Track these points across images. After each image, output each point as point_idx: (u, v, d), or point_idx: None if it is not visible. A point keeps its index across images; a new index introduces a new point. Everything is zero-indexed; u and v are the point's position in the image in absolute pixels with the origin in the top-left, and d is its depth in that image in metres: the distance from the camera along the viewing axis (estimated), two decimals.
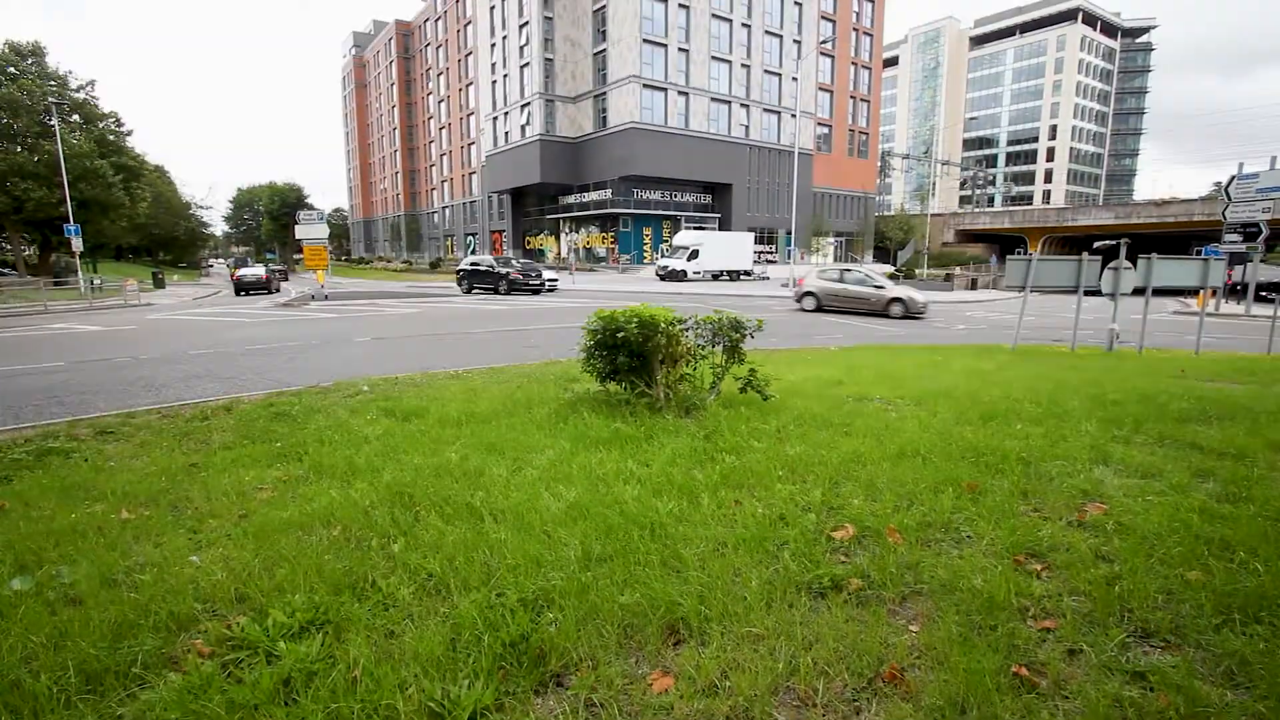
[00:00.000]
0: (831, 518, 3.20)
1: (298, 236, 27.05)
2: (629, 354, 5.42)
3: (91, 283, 28.55)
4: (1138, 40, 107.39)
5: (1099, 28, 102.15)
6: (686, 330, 5.76)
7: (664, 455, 4.16)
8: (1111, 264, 11.50)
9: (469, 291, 27.92)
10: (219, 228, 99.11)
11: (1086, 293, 11.90)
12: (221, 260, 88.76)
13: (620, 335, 5.29)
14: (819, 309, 21.22)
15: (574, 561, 2.70)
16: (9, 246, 43.07)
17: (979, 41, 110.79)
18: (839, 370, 8.04)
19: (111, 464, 4.31)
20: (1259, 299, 25.01)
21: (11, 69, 36.99)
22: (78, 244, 30.57)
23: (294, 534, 3.05)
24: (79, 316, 19.55)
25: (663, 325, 5.31)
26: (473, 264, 29.07)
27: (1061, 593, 2.49)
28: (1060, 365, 9.40)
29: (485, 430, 4.92)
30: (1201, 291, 15.74)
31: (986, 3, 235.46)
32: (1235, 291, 29.59)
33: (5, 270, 39.93)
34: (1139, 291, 11.79)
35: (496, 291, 26.89)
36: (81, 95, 39.79)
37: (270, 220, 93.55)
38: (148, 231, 60.77)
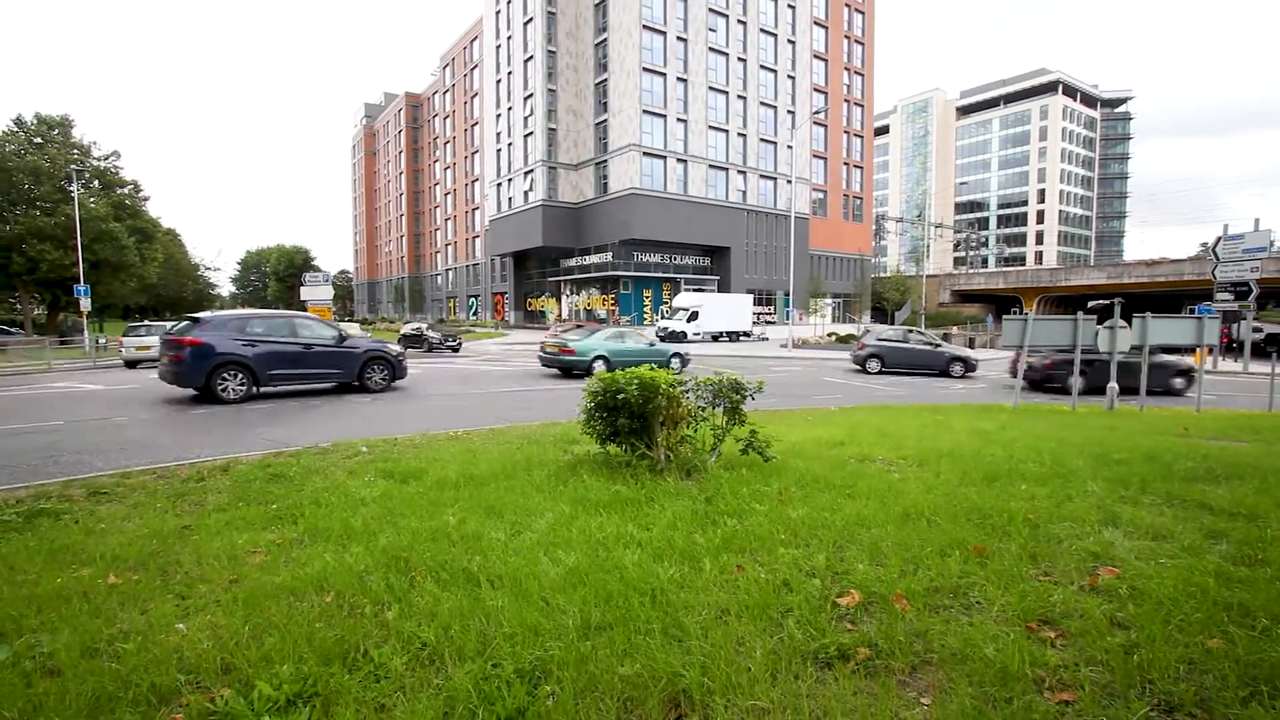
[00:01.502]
0: (836, 583, 3.12)
1: (303, 298, 27.45)
2: (630, 416, 5.40)
3: (96, 342, 28.73)
4: (1116, 110, 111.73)
5: (1079, 99, 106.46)
6: (687, 392, 5.76)
7: (665, 519, 4.09)
8: (1106, 323, 11.62)
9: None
10: (226, 289, 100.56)
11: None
12: None
13: (621, 397, 5.30)
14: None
15: (573, 630, 2.61)
16: (19, 306, 43.59)
17: (965, 111, 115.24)
18: (840, 431, 8.00)
19: (103, 526, 4.24)
20: (1265, 353, 25.17)
21: (39, 139, 38.51)
22: (86, 304, 30.97)
23: (285, 600, 2.97)
24: (82, 375, 19.58)
25: (663, 387, 5.32)
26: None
27: (1078, 662, 2.40)
28: (1062, 424, 9.35)
29: (484, 492, 4.86)
30: (1198, 349, 15.83)
31: (971, 75, 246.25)
32: (1232, 349, 29.77)
33: (13, 330, 40.26)
34: (1137, 350, 11.87)
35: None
36: (104, 164, 41.28)
37: (277, 282, 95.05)
38: (156, 292, 61.63)
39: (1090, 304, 14.17)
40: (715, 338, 42.19)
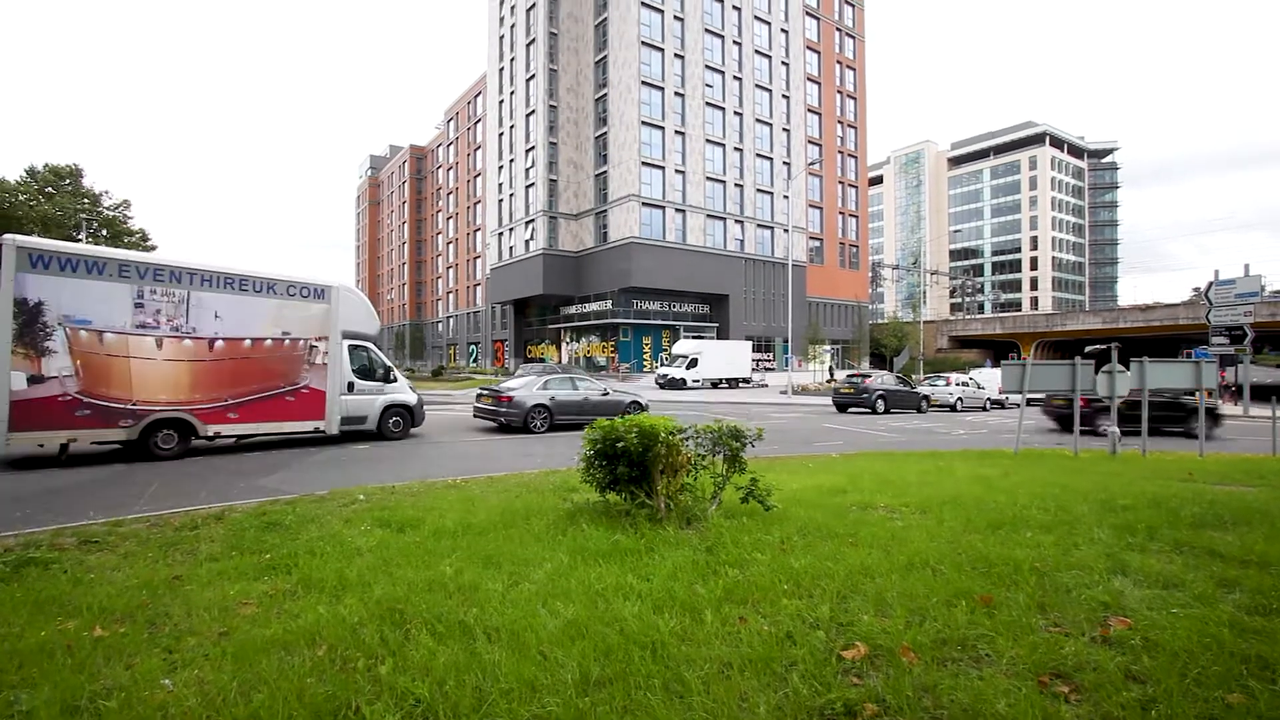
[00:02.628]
0: (841, 635, 3.04)
1: None
2: (629, 464, 5.37)
3: None
4: (1103, 161, 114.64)
5: (1066, 150, 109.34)
6: (687, 439, 5.73)
7: (665, 569, 4.02)
8: (1105, 368, 11.64)
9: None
10: None
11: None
12: None
13: (620, 445, 5.28)
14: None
15: (571, 685, 2.54)
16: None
17: (956, 162, 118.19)
18: (841, 478, 7.93)
19: (91, 576, 4.15)
20: (1265, 396, 25.22)
21: (50, 188, 39.36)
22: None
23: (276, 654, 2.89)
24: None
25: (663, 435, 5.30)
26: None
27: (1094, 718, 2.33)
28: (1065, 469, 9.27)
29: (482, 542, 4.78)
30: (1197, 393, 15.84)
31: (961, 126, 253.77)
32: (1230, 392, 29.80)
33: None
34: (1136, 394, 11.86)
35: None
36: (113, 213, 42.12)
37: None
38: None
39: (1087, 349, 14.25)
40: (715, 384, 42.21)
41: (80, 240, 34.59)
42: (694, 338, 49.84)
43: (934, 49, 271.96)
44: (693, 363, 40.83)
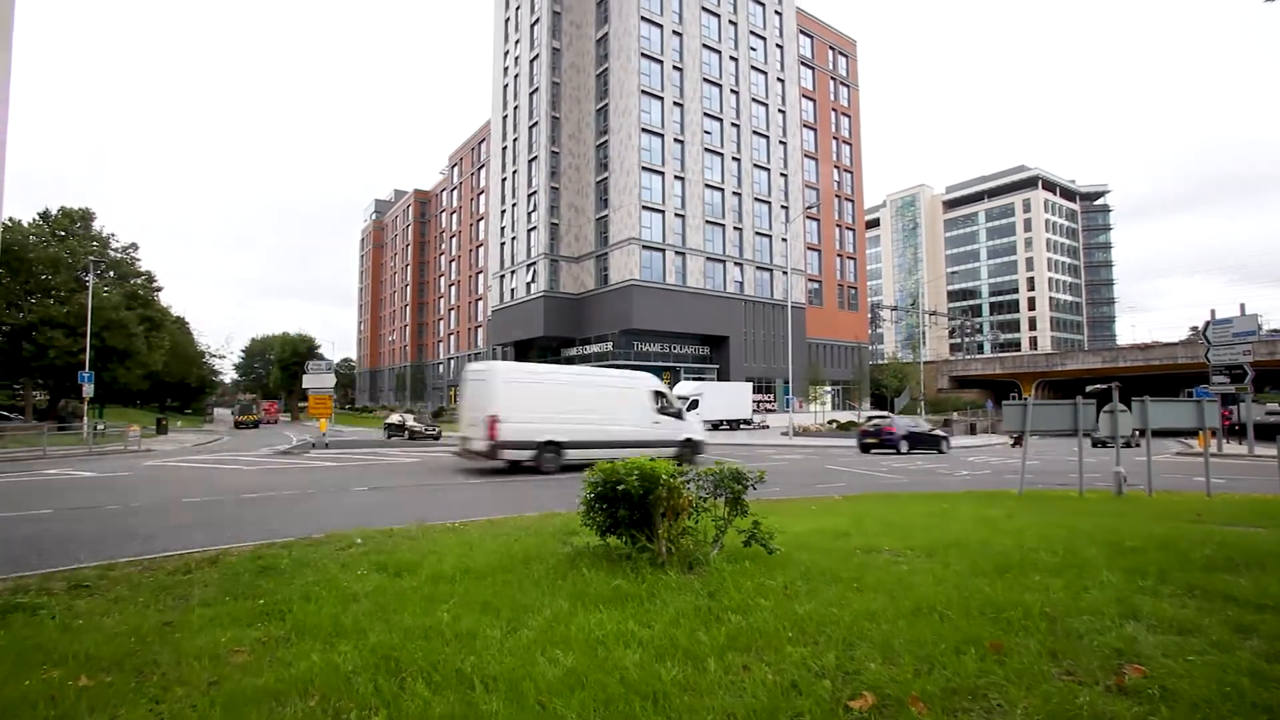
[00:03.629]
0: (848, 684, 2.96)
1: (304, 386, 27.48)
2: (630, 507, 5.31)
3: (95, 428, 28.55)
4: (1095, 203, 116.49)
5: (1058, 192, 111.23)
6: (688, 482, 5.68)
7: (667, 615, 3.93)
8: (1106, 407, 11.60)
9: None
10: (229, 375, 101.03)
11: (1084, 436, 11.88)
12: (225, 408, 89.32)
13: (621, 488, 5.23)
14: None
15: None
16: (21, 391, 43.73)
17: (952, 205, 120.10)
18: (845, 521, 7.82)
19: (80, 622, 4.06)
20: (1270, 435, 25.07)
21: (61, 231, 40.07)
22: (89, 390, 31.03)
23: (266, 705, 2.80)
24: (77, 462, 19.37)
25: (664, 478, 5.25)
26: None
27: None
28: (1071, 510, 9.16)
29: (480, 587, 4.70)
30: (1201, 432, 15.75)
31: (955, 169, 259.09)
32: (1234, 431, 29.63)
33: (11, 415, 40.17)
34: (1139, 433, 11.80)
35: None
36: (121, 255, 42.80)
37: (280, 369, 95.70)
38: (160, 379, 61.94)
39: (1088, 388, 14.22)
40: (716, 426, 42.04)
41: (87, 281, 34.95)
42: (695, 379, 49.86)
43: (926, 94, 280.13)
44: (693, 404, 40.75)
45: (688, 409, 40.23)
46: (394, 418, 35.90)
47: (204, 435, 40.54)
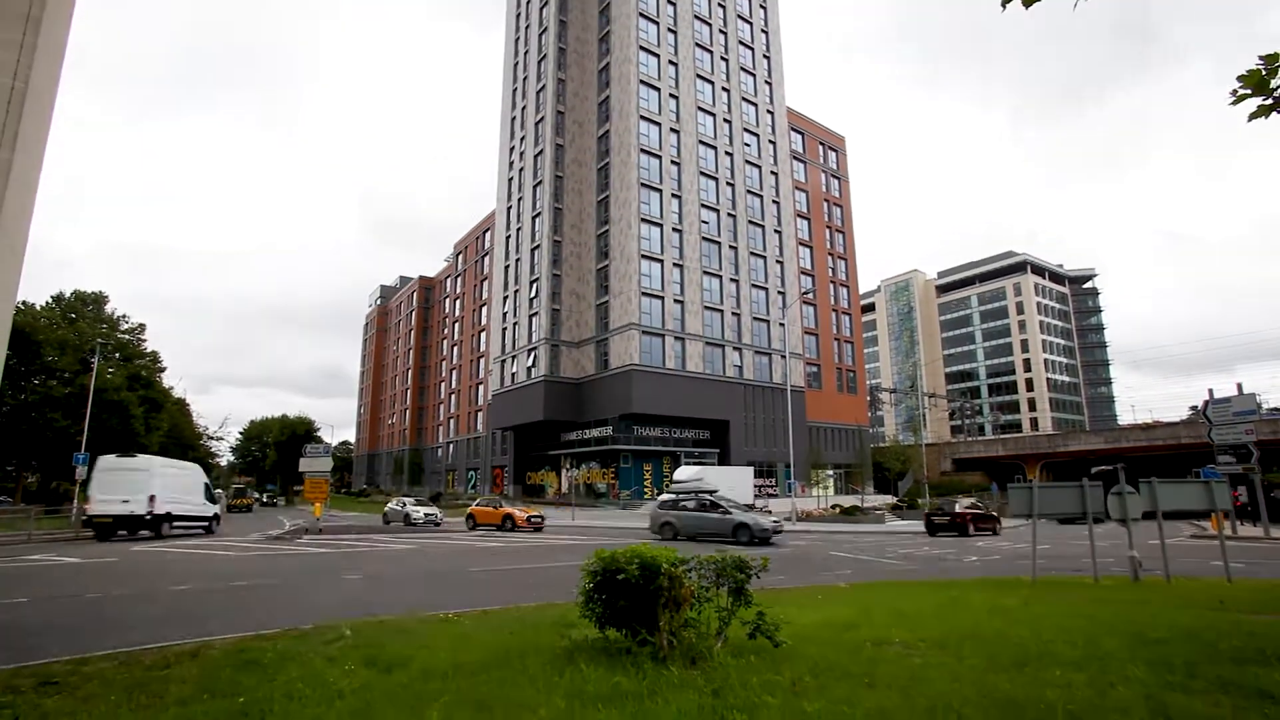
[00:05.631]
0: None
1: (301, 469, 27.13)
2: (630, 597, 5.14)
3: (83, 512, 27.88)
4: (1083, 286, 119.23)
5: (1047, 276, 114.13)
6: (689, 571, 5.52)
7: (669, 715, 3.73)
8: (1114, 489, 11.41)
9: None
10: (225, 458, 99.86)
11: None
12: (220, 490, 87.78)
13: (621, 577, 5.08)
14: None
15: None
16: (13, 472, 43.13)
17: (944, 289, 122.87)
18: (853, 611, 7.54)
19: None
20: None
21: (73, 314, 40.90)
22: (81, 472, 30.41)
23: None
24: (62, 547, 18.83)
25: (665, 566, 5.11)
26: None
27: None
28: (1088, 598, 8.83)
29: (473, 684, 4.47)
30: (1214, 514, 15.42)
31: (946, 255, 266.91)
32: (1246, 512, 29.06)
33: (2, 499, 39.46)
34: (1149, 516, 11.55)
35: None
36: (128, 337, 43.47)
37: (276, 452, 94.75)
38: None
39: (1094, 469, 14.04)
40: None
41: (92, 363, 35.23)
42: (695, 463, 49.34)
43: (912, 184, 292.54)
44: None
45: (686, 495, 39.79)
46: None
47: None
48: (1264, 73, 3.29)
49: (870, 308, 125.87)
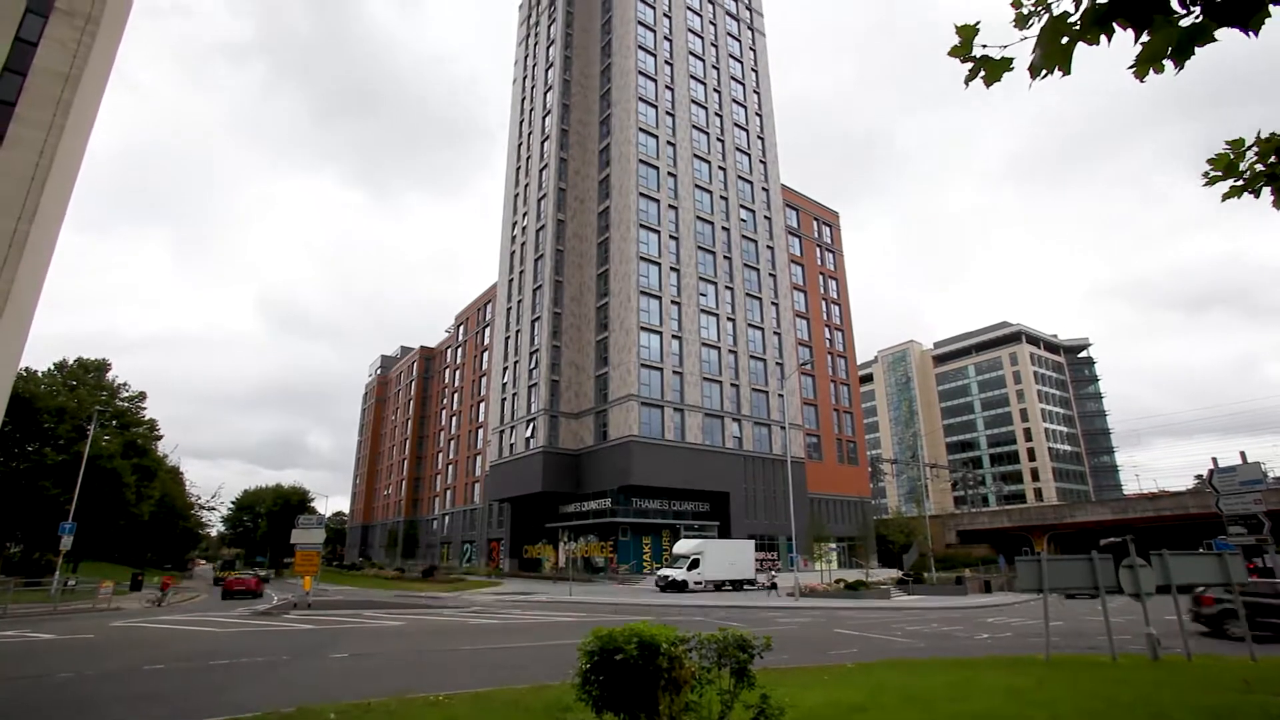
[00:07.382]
0: None
1: (292, 541, 26.49)
2: (628, 679, 4.96)
3: (64, 584, 27.05)
4: (1079, 355, 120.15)
5: (1042, 346, 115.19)
6: (690, 650, 5.35)
7: None
8: (1125, 561, 11.16)
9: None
10: (216, 528, 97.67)
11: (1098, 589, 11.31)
12: (208, 562, 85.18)
13: (619, 657, 4.92)
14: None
15: None
16: None
17: (941, 360, 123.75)
18: (861, 693, 7.24)
19: None
20: None
21: (74, 381, 40.96)
22: (67, 542, 29.55)
23: None
24: (37, 622, 18.16)
25: (665, 646, 4.96)
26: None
27: None
28: (1106, 679, 8.49)
29: None
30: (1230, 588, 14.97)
31: (944, 325, 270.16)
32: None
33: None
34: (1163, 590, 11.25)
35: None
36: (127, 405, 43.41)
37: (268, 522, 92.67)
38: (145, 530, 59.75)
39: (1102, 542, 13.78)
40: (718, 586, 40.07)
41: (89, 430, 34.92)
42: (695, 536, 48.30)
43: (906, 257, 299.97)
44: (694, 563, 39.22)
45: (688, 568, 38.70)
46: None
47: (178, 594, 38.30)
48: (1231, 156, 3.50)
49: (868, 378, 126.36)
